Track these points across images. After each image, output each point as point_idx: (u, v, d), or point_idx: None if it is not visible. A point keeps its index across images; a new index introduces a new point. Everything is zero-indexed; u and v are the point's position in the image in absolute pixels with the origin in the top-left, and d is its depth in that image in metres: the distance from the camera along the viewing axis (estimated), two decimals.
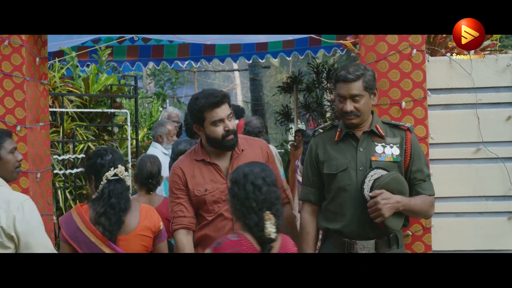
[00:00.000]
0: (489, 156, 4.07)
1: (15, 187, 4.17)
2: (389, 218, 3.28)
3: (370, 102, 3.48)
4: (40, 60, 4.50)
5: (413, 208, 3.39)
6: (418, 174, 3.45)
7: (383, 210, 3.23)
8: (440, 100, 4.11)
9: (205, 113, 3.50)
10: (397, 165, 3.43)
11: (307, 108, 11.11)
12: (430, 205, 3.46)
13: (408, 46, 4.01)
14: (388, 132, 3.51)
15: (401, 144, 3.46)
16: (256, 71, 12.97)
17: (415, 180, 3.45)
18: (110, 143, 6.77)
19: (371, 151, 3.45)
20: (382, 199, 3.23)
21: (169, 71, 14.63)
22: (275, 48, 9.59)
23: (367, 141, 3.48)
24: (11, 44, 4.22)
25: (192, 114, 3.59)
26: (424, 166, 3.49)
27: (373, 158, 3.42)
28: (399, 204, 3.29)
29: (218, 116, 3.49)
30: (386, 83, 4.01)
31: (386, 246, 3.41)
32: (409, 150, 3.44)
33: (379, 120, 3.56)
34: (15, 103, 4.23)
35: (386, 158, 3.42)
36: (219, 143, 3.53)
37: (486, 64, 4.10)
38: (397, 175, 3.36)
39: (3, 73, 4.23)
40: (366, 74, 3.44)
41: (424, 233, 4.00)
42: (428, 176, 3.50)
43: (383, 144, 3.46)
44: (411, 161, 3.45)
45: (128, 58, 9.46)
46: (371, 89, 3.46)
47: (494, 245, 4.09)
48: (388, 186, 3.29)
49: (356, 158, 3.45)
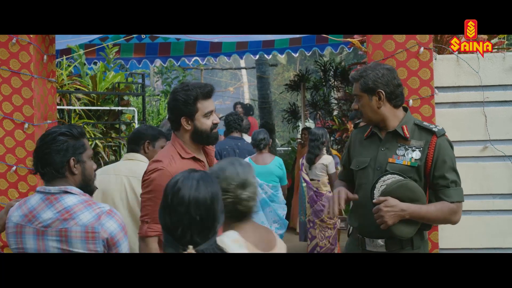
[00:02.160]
0: (496, 154, 4.07)
1: (22, 185, 4.20)
2: (396, 226, 3.22)
3: (371, 104, 3.37)
4: (48, 58, 4.52)
5: (425, 216, 3.25)
6: (441, 181, 3.29)
7: (385, 218, 3.18)
8: (447, 98, 4.10)
9: (198, 103, 3.38)
10: (415, 169, 3.31)
11: (314, 106, 11.11)
12: (450, 213, 3.27)
13: (416, 44, 4.01)
14: (415, 134, 3.37)
15: (424, 148, 3.32)
16: (263, 69, 12.95)
17: (437, 186, 3.30)
18: (118, 141, 6.79)
19: (392, 152, 3.38)
20: (385, 207, 3.19)
21: (176, 69, 14.65)
22: (282, 45, 9.62)
23: (391, 142, 3.40)
24: (19, 42, 4.23)
25: (184, 104, 3.37)
26: (449, 172, 3.29)
27: (390, 160, 3.36)
28: (405, 212, 3.20)
29: (210, 108, 3.42)
30: None
31: (397, 247, 3.35)
32: (432, 155, 3.29)
33: (411, 121, 3.41)
34: (23, 100, 4.25)
35: (403, 162, 3.32)
36: (208, 136, 3.43)
37: (494, 62, 4.10)
38: (406, 183, 3.24)
39: (11, 70, 4.25)
40: (367, 75, 3.36)
41: (431, 231, 3.99)
42: (454, 182, 3.29)
43: (406, 146, 3.36)
44: (434, 167, 3.29)
45: (135, 56, 9.50)
46: (370, 91, 3.36)
47: (500, 243, 4.09)
48: (395, 193, 3.22)
49: (376, 158, 3.42)
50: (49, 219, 2.72)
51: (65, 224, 2.71)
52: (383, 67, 3.40)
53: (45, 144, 2.80)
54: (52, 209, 2.74)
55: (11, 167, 4.24)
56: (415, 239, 3.35)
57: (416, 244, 3.36)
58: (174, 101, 3.40)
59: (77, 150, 2.82)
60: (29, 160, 4.20)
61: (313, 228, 7.04)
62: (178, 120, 3.40)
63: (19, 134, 4.25)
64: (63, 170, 2.79)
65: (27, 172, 4.23)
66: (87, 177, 2.88)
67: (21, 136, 4.25)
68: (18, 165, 4.23)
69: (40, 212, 2.75)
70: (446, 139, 3.36)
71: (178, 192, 2.28)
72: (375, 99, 3.36)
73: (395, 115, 3.39)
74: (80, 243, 2.71)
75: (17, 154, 4.25)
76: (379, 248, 3.37)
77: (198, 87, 3.39)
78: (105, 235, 2.72)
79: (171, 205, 2.29)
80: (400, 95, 3.40)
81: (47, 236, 2.72)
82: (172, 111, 3.42)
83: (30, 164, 4.21)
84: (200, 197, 2.27)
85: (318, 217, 6.96)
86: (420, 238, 3.38)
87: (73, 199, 2.76)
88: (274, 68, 19.99)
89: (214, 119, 3.44)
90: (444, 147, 3.32)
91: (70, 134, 2.82)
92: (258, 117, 13.55)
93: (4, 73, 4.24)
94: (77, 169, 2.82)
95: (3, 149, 4.25)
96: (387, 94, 3.34)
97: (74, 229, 2.70)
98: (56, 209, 2.74)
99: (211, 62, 10.55)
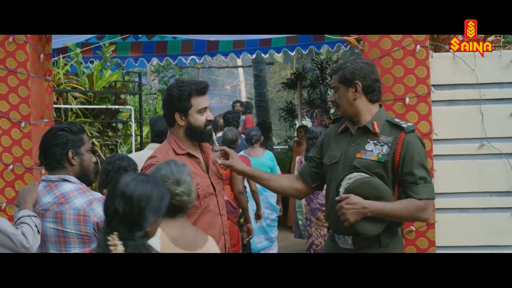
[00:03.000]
0: (493, 152, 4.08)
1: (19, 184, 4.19)
2: (359, 223, 3.20)
3: (348, 96, 3.39)
4: (45, 57, 4.52)
5: (389, 214, 3.20)
6: (409, 177, 3.24)
7: (347, 215, 3.18)
8: (443, 96, 4.11)
9: (192, 99, 3.43)
10: (382, 165, 3.27)
11: (311, 104, 11.12)
12: (417, 210, 3.22)
13: (412, 42, 4.02)
14: (386, 130, 3.35)
15: (392, 144, 3.29)
16: (260, 67, 12.96)
17: (406, 183, 3.25)
18: (114, 139, 6.79)
19: (361, 147, 3.36)
20: (347, 204, 3.18)
21: (173, 68, 14.66)
22: (279, 43, 9.63)
23: (361, 137, 3.39)
24: (15, 41, 4.23)
25: (178, 100, 3.43)
26: (417, 168, 3.24)
27: (358, 155, 3.34)
28: (367, 210, 3.17)
29: (204, 104, 3.46)
30: (390, 79, 4.02)
31: (364, 244, 3.32)
32: (400, 150, 3.25)
33: (383, 117, 3.40)
34: (19, 99, 4.25)
35: (371, 157, 3.29)
36: (201, 133, 3.47)
37: (490, 60, 4.10)
38: (370, 180, 3.22)
39: (8, 69, 4.24)
40: (345, 67, 3.40)
41: (428, 228, 4.01)
42: (423, 179, 3.24)
43: (375, 142, 3.32)
44: (401, 163, 3.25)
45: (132, 54, 9.50)
46: (346, 82, 3.38)
47: (497, 241, 4.09)
48: (359, 190, 3.21)
49: (347, 153, 3.41)
50: (48, 203, 3.13)
51: (60, 207, 3.11)
52: (363, 61, 3.45)
53: (47, 139, 3.19)
54: (51, 194, 3.15)
55: (7, 166, 4.24)
56: (382, 237, 3.30)
57: (384, 242, 3.31)
58: (168, 97, 3.48)
59: (76, 144, 3.20)
60: (26, 159, 4.20)
61: (309, 226, 7.04)
62: (172, 116, 3.47)
63: (15, 133, 4.24)
64: (62, 161, 3.18)
65: (24, 170, 4.23)
66: (85, 168, 3.25)
67: (17, 135, 4.24)
68: (15, 164, 4.22)
69: (41, 197, 3.16)
70: (416, 136, 3.34)
71: (115, 185, 2.55)
72: (351, 91, 3.38)
73: (369, 110, 3.41)
74: (73, 225, 3.08)
75: (13, 153, 4.24)
76: (347, 245, 3.37)
77: (193, 84, 3.46)
78: (95, 219, 3.08)
79: (107, 194, 2.60)
80: (377, 90, 3.42)
81: (46, 218, 3.12)
82: (167, 107, 3.50)
83: (27, 162, 4.21)
84: (127, 192, 2.49)
85: (314, 215, 6.97)
86: (389, 236, 3.33)
87: (70, 186, 3.15)
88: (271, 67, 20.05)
89: (208, 116, 3.49)
90: (413, 143, 3.29)
91: (69, 130, 3.21)
92: (255, 115, 13.56)
93: (1, 72, 4.24)
94: (75, 161, 3.20)
95: (0, 148, 4.25)
96: (363, 86, 3.37)
97: (68, 212, 3.09)
98: (54, 194, 3.14)
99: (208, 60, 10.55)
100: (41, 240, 3.06)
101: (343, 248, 3.38)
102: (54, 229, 3.09)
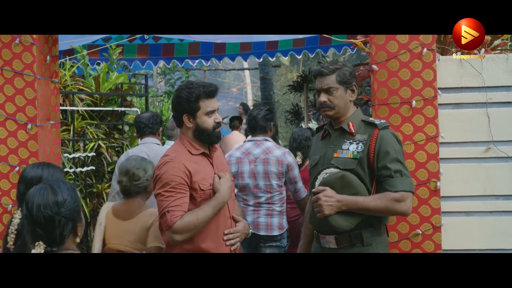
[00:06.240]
0: (499, 155, 4.06)
1: None
2: (333, 217, 3.27)
3: (346, 97, 3.48)
4: (51, 59, 4.53)
5: (362, 206, 3.26)
6: (384, 171, 3.31)
7: (322, 207, 3.25)
8: (450, 99, 4.10)
9: (200, 102, 3.45)
10: (358, 161, 3.35)
11: None
12: (392, 202, 3.26)
13: (419, 45, 4.01)
14: (361, 129, 3.45)
15: (367, 141, 3.38)
16: (266, 69, 12.95)
17: (382, 177, 3.32)
18: (121, 142, 6.80)
19: (338, 147, 3.46)
20: (324, 196, 3.26)
21: (179, 70, 14.66)
22: (285, 46, 9.60)
23: (338, 138, 3.50)
24: (22, 43, 4.24)
25: (186, 102, 3.45)
26: (392, 162, 3.31)
27: (335, 155, 3.44)
28: (341, 203, 3.25)
29: (212, 106, 3.48)
30: (397, 82, 4.01)
31: (347, 243, 3.35)
32: (374, 146, 3.34)
33: (358, 118, 3.50)
34: (26, 101, 4.26)
35: (347, 155, 3.38)
36: (209, 135, 3.49)
37: (497, 63, 4.09)
38: (345, 175, 3.31)
39: (14, 71, 4.25)
40: (342, 68, 3.48)
41: (434, 232, 4.00)
42: (398, 172, 3.31)
43: (351, 140, 3.43)
44: (376, 158, 3.33)
45: (139, 57, 9.49)
46: (347, 83, 3.47)
47: (503, 244, 4.07)
48: (333, 184, 3.29)
49: (325, 155, 3.50)
50: (258, 153, 4.91)
51: (266, 156, 4.89)
52: (350, 65, 3.60)
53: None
54: (259, 148, 4.93)
55: (14, 167, 4.25)
56: (365, 236, 3.35)
57: (367, 241, 3.35)
58: (177, 98, 3.52)
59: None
60: (32, 160, 4.20)
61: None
62: (180, 117, 3.52)
63: (22, 135, 4.25)
64: (267, 129, 5.05)
65: None
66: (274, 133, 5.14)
67: (24, 137, 4.25)
68: (21, 165, 4.23)
69: (252, 150, 4.94)
70: (390, 132, 3.44)
71: (28, 197, 2.47)
72: (349, 92, 3.50)
73: (352, 111, 3.53)
74: (274, 167, 4.85)
75: (20, 154, 4.25)
76: (331, 244, 3.41)
77: (202, 86, 3.48)
78: (286, 162, 4.88)
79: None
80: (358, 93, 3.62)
81: (257, 163, 4.88)
82: (175, 108, 3.54)
83: None
84: (36, 202, 2.43)
85: None
86: (371, 235, 3.37)
87: (270, 144, 4.97)
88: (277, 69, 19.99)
89: (216, 118, 3.50)
90: (387, 138, 3.37)
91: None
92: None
93: (7, 74, 4.25)
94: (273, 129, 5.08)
95: (6, 149, 4.26)
96: (357, 89, 3.54)
97: (271, 158, 4.87)
98: (261, 148, 4.92)
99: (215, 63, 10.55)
100: (252, 176, 4.85)
101: (328, 248, 3.43)
102: (263, 169, 4.84)
